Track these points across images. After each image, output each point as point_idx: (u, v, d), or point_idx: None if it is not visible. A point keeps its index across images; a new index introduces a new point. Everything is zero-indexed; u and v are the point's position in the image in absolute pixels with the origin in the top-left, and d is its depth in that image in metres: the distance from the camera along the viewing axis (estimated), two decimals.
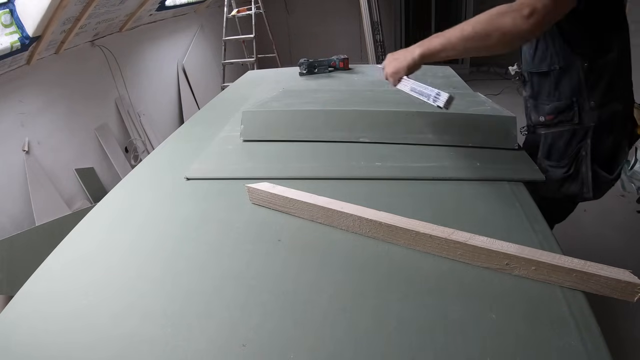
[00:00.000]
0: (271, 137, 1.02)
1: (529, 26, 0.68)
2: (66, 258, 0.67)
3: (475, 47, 0.76)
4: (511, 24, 0.69)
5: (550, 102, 0.91)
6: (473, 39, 0.74)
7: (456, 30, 0.75)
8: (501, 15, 0.70)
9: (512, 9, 0.70)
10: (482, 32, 0.72)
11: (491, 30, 0.71)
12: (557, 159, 0.91)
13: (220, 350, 0.48)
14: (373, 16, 3.57)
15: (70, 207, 2.45)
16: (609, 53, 0.83)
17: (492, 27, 0.71)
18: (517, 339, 0.46)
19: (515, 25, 0.69)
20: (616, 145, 0.89)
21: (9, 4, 1.98)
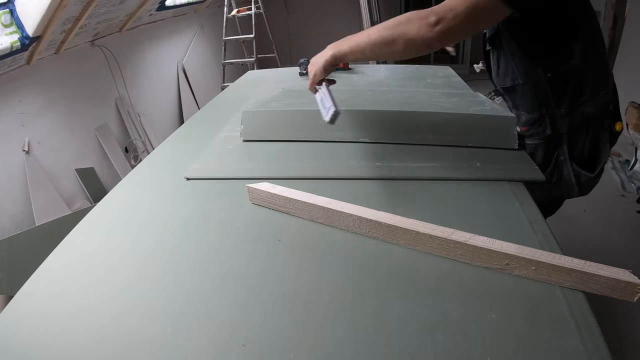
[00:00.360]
0: (271, 137, 1.02)
1: (433, 34, 0.68)
2: (66, 258, 0.67)
3: (381, 52, 0.76)
4: (416, 31, 0.69)
5: (526, 114, 0.91)
6: (379, 44, 0.74)
7: (365, 34, 0.76)
8: (408, 22, 0.71)
9: (420, 16, 0.70)
10: (388, 38, 0.73)
11: (396, 36, 0.71)
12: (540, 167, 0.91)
13: (220, 350, 0.48)
14: (373, 16, 3.57)
15: (70, 207, 2.46)
16: (571, 60, 0.81)
17: (398, 33, 0.71)
18: (517, 339, 0.46)
19: (420, 32, 0.69)
20: (595, 145, 0.88)
21: (9, 4, 1.98)
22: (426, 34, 0.69)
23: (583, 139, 0.86)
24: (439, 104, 1.05)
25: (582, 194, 0.92)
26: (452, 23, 0.68)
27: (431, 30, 0.68)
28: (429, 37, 0.69)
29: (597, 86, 0.85)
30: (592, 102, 0.85)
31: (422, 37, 0.69)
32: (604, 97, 0.86)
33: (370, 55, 0.78)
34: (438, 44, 0.71)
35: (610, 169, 2.70)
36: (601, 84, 0.86)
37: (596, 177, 0.89)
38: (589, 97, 0.84)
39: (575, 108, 0.85)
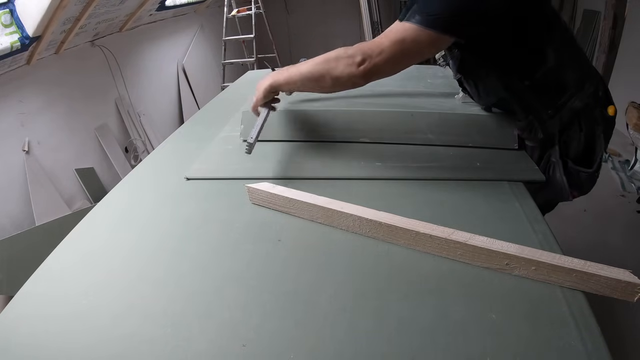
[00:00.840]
0: (271, 137, 1.02)
1: (359, 73, 0.72)
2: (66, 258, 0.67)
3: (311, 86, 0.80)
4: (342, 69, 0.73)
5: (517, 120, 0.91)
6: (309, 79, 0.78)
7: (299, 67, 0.80)
8: (336, 59, 0.74)
9: (347, 54, 0.73)
10: (317, 74, 0.76)
11: (325, 73, 0.75)
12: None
13: (220, 350, 0.48)
14: (373, 16, 3.57)
15: (70, 207, 2.46)
16: (545, 64, 0.81)
17: (326, 70, 0.75)
18: (517, 339, 0.46)
19: (345, 71, 0.73)
20: (590, 140, 0.86)
21: (9, 4, 1.98)
22: (351, 72, 0.72)
23: (577, 137, 0.86)
24: (439, 104, 1.05)
25: (583, 193, 0.91)
26: (377, 61, 0.71)
27: (356, 69, 0.72)
28: (354, 75, 0.72)
29: (580, 80, 0.84)
30: (578, 96, 0.83)
31: (347, 75, 0.73)
32: (589, 89, 0.84)
33: (302, 88, 0.82)
34: (364, 81, 0.74)
35: (610, 169, 2.70)
36: (583, 77, 0.85)
37: (595, 172, 0.88)
38: (574, 92, 0.83)
39: (562, 106, 0.84)
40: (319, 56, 0.78)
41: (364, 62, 0.71)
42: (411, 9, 0.72)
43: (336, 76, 0.74)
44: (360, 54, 0.72)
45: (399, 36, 0.70)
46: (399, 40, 0.70)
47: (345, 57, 0.73)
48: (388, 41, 0.71)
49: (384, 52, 0.71)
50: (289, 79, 0.82)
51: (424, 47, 0.72)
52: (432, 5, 0.69)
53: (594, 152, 0.87)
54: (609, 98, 0.88)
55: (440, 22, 0.69)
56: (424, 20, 0.69)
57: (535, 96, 0.84)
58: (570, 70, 0.83)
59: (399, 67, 0.75)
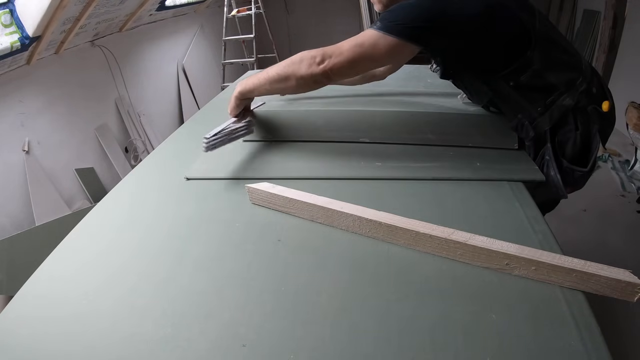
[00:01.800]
0: (271, 137, 1.02)
1: (319, 71, 0.78)
2: (66, 259, 0.67)
3: (279, 87, 0.85)
4: (305, 69, 0.79)
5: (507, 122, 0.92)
6: (276, 80, 0.83)
7: (265, 72, 0.85)
8: (300, 60, 0.80)
9: (310, 55, 0.79)
10: (283, 75, 0.82)
11: (289, 74, 0.81)
12: None
13: (220, 350, 0.48)
14: (373, 16, 3.56)
15: (70, 207, 2.46)
16: (531, 66, 0.80)
17: (291, 71, 0.81)
18: (517, 339, 0.46)
19: (307, 70, 0.78)
20: (585, 137, 0.86)
21: (9, 4, 1.98)
22: (312, 71, 0.78)
23: (573, 136, 0.85)
24: (439, 104, 1.05)
25: (577, 189, 0.92)
26: (335, 61, 0.76)
27: (317, 68, 0.77)
28: (315, 73, 0.78)
29: (570, 78, 0.83)
30: (569, 94, 0.83)
31: (309, 74, 0.79)
32: (581, 86, 0.83)
33: (270, 90, 0.87)
34: (325, 79, 0.80)
35: (610, 169, 2.70)
36: (574, 75, 0.84)
37: (590, 172, 0.88)
38: (564, 90, 0.83)
39: (551, 104, 0.83)
40: (283, 60, 0.83)
41: (324, 61, 0.77)
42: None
43: (300, 76, 0.80)
44: (320, 55, 0.77)
45: (359, 40, 0.76)
46: (358, 43, 0.76)
47: (308, 58, 0.78)
48: (348, 44, 0.77)
49: (343, 54, 0.76)
50: (257, 84, 0.87)
51: (381, 52, 0.76)
52: (395, 14, 0.75)
53: (590, 151, 0.87)
54: (604, 94, 0.87)
55: (398, 29, 0.73)
56: (384, 27, 0.74)
57: (522, 96, 0.85)
58: (558, 71, 0.83)
59: (356, 69, 0.81)
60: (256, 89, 0.88)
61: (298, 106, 1.09)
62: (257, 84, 0.87)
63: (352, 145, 0.97)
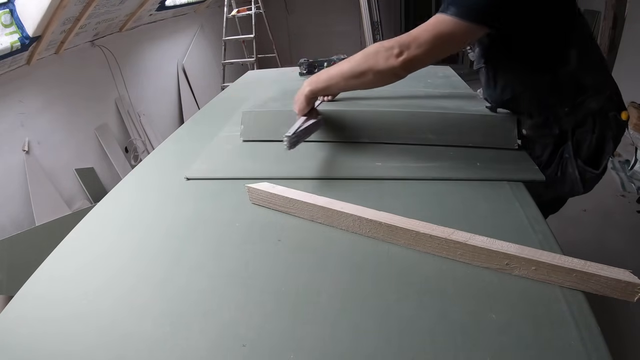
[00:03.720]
0: (271, 137, 1.02)
1: (398, 64, 0.74)
2: (65, 259, 0.67)
3: (354, 84, 0.82)
4: (382, 63, 0.75)
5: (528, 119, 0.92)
6: (351, 77, 0.80)
7: (338, 68, 0.82)
8: (375, 54, 0.76)
9: (385, 48, 0.75)
10: (358, 71, 0.79)
11: (366, 69, 0.78)
12: (545, 167, 0.93)
13: (220, 350, 0.48)
14: (373, 16, 3.57)
15: (70, 207, 2.46)
16: (567, 65, 0.82)
17: (367, 66, 0.77)
18: (517, 339, 0.46)
19: (386, 64, 0.75)
20: (600, 142, 0.88)
21: (9, 4, 1.98)
22: (392, 64, 0.74)
23: (589, 138, 0.87)
24: (439, 104, 1.05)
25: (586, 191, 0.94)
26: (415, 52, 0.73)
27: (395, 60, 0.74)
28: (395, 66, 0.75)
29: (598, 83, 0.86)
30: (595, 98, 0.85)
31: (388, 68, 0.75)
32: (605, 92, 0.86)
33: (344, 87, 0.84)
34: (404, 72, 0.77)
35: (610, 169, 2.70)
36: (601, 81, 0.87)
37: (600, 174, 0.90)
38: (592, 94, 0.85)
39: (579, 105, 0.85)
40: (356, 54, 0.80)
41: (402, 53, 0.73)
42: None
43: (378, 70, 0.76)
44: (397, 46, 0.74)
45: (435, 28, 0.73)
46: (435, 31, 0.72)
47: (384, 51, 0.75)
48: (425, 33, 0.73)
49: (421, 45, 0.73)
50: (329, 81, 0.83)
51: (460, 38, 0.74)
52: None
53: (602, 155, 0.89)
54: (621, 103, 0.90)
55: (475, 14, 0.71)
56: (459, 12, 0.71)
57: (554, 93, 0.86)
58: (591, 73, 0.85)
59: (436, 57, 0.78)
60: (329, 86, 0.85)
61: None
62: (330, 82, 0.84)
63: (352, 145, 0.97)
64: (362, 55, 0.79)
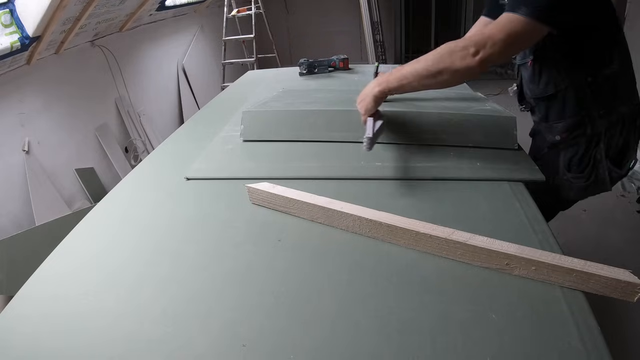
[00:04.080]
0: (271, 137, 1.02)
1: (475, 63, 0.76)
2: (66, 258, 0.67)
3: (429, 83, 0.83)
4: (459, 62, 0.77)
5: (561, 121, 0.95)
6: (426, 76, 0.81)
7: (411, 68, 0.82)
8: (450, 54, 0.78)
9: (460, 47, 0.77)
10: (434, 71, 0.79)
11: (442, 69, 0.79)
12: (578, 171, 0.96)
13: (220, 350, 0.48)
14: (373, 16, 3.57)
15: (70, 207, 2.45)
16: (611, 65, 0.87)
17: (443, 65, 0.78)
18: (517, 339, 0.46)
19: (462, 63, 0.76)
20: (626, 143, 0.93)
21: (9, 4, 1.98)
22: (469, 63, 0.76)
23: (617, 138, 0.92)
24: (439, 104, 1.05)
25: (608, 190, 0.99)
26: (490, 51, 0.75)
27: (472, 59, 0.75)
28: (471, 66, 0.76)
29: (631, 90, 0.92)
30: (626, 104, 0.91)
31: (465, 67, 0.76)
32: (635, 99, 0.92)
33: (417, 87, 0.84)
34: (480, 70, 0.78)
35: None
36: (633, 88, 0.92)
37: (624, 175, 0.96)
38: (624, 100, 0.90)
39: (613, 108, 0.90)
40: (427, 54, 0.81)
41: (478, 52, 0.75)
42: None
43: (455, 69, 0.77)
44: (473, 46, 0.75)
45: (508, 27, 0.75)
46: (508, 30, 0.75)
47: (459, 51, 0.76)
48: (499, 32, 0.75)
49: (497, 44, 0.75)
50: (402, 81, 0.83)
51: (529, 37, 0.77)
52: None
53: (625, 157, 0.95)
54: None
55: (545, 14, 0.74)
56: (531, 12, 0.73)
57: (594, 94, 0.89)
58: (627, 79, 0.91)
59: (508, 55, 0.80)
60: (402, 86, 0.84)
61: (298, 106, 1.09)
62: (402, 81, 0.83)
63: (352, 145, 0.97)
64: (436, 55, 0.79)
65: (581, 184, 0.96)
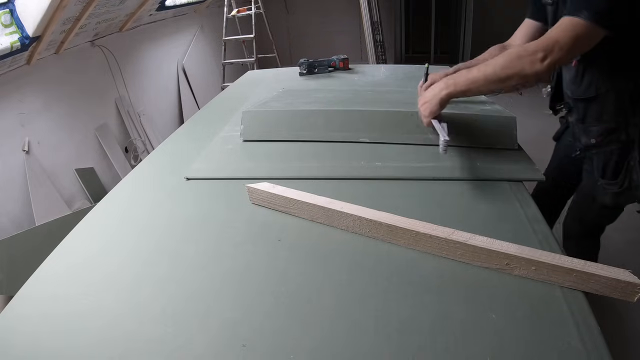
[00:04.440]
0: (271, 137, 1.02)
1: (543, 68, 0.77)
2: (66, 258, 0.67)
3: (495, 87, 0.84)
4: (529, 67, 0.78)
5: (598, 124, 0.96)
6: (496, 81, 0.82)
7: (479, 73, 0.83)
8: (519, 58, 0.79)
9: (528, 52, 0.78)
10: (503, 75, 0.81)
11: (512, 74, 0.80)
12: (612, 177, 0.97)
13: (220, 350, 0.48)
14: (373, 16, 3.57)
15: (70, 207, 2.45)
16: None
17: (512, 70, 0.80)
18: (517, 339, 0.46)
19: (531, 68, 0.78)
20: None
21: (9, 4, 1.98)
22: (537, 69, 0.78)
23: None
24: None
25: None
26: (558, 56, 0.77)
27: (541, 65, 0.77)
28: (540, 71, 0.78)
29: None
30: None
31: (534, 72, 0.78)
32: None
33: (484, 91, 0.87)
34: (547, 75, 0.80)
35: None
36: None
37: None
38: None
39: None
40: (495, 59, 0.83)
41: (546, 57, 0.77)
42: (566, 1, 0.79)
43: (524, 75, 0.79)
44: (541, 51, 0.77)
45: (572, 31, 0.77)
46: (573, 35, 0.76)
47: (528, 56, 0.78)
48: (564, 37, 0.77)
49: (563, 49, 0.77)
50: (470, 85, 0.84)
51: (591, 40, 0.78)
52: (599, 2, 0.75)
53: None
54: None
55: (606, 19, 0.75)
56: (593, 17, 0.75)
57: (633, 100, 0.90)
58: None
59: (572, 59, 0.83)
60: (470, 90, 0.85)
61: (298, 106, 1.09)
62: (471, 85, 0.84)
63: (352, 145, 0.97)
64: (506, 60, 0.81)
65: (614, 190, 0.97)
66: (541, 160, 1.00)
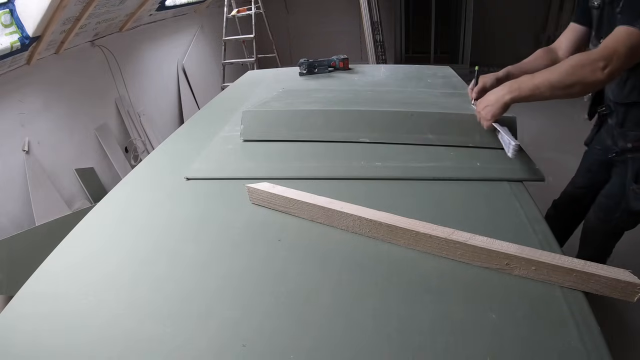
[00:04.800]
0: (271, 137, 1.02)
1: (604, 77, 0.80)
2: (66, 258, 0.67)
3: (560, 94, 0.85)
4: (590, 75, 0.80)
5: (637, 129, 0.97)
6: (559, 88, 0.83)
7: (544, 79, 0.84)
8: (581, 67, 0.81)
9: (590, 61, 0.80)
10: (567, 83, 0.82)
11: (575, 82, 0.82)
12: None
13: (220, 350, 0.48)
14: (373, 16, 3.57)
15: (70, 207, 2.45)
16: None
17: (576, 78, 0.82)
18: (517, 339, 0.46)
19: (593, 77, 0.80)
20: None
21: (9, 4, 1.98)
22: (598, 77, 0.80)
23: None
24: (439, 104, 1.05)
25: None
26: (617, 65, 0.79)
27: (602, 73, 0.79)
28: (601, 80, 0.80)
29: None
30: None
31: (595, 81, 0.81)
32: None
33: (548, 97, 0.87)
34: (607, 83, 0.84)
35: None
36: None
37: None
38: None
39: None
40: (557, 66, 0.84)
41: (607, 67, 0.79)
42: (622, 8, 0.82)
43: (586, 83, 0.81)
44: (602, 60, 0.79)
45: (629, 41, 0.79)
46: (630, 44, 0.79)
47: (589, 64, 0.80)
48: (622, 47, 0.79)
49: (621, 57, 0.79)
50: (535, 91, 0.84)
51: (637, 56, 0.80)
52: None
53: None
54: None
55: None
56: None
57: None
58: None
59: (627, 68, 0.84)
60: (534, 95, 0.85)
61: (298, 106, 1.09)
62: (535, 91, 0.85)
63: (352, 145, 0.97)
64: (569, 67, 0.82)
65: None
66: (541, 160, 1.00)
